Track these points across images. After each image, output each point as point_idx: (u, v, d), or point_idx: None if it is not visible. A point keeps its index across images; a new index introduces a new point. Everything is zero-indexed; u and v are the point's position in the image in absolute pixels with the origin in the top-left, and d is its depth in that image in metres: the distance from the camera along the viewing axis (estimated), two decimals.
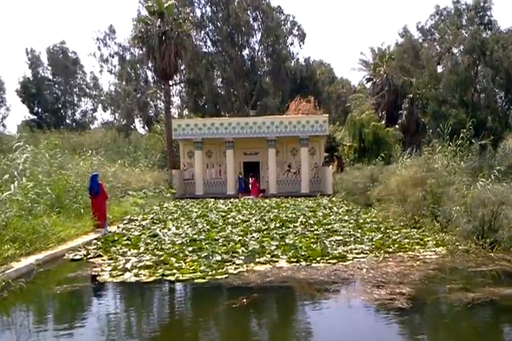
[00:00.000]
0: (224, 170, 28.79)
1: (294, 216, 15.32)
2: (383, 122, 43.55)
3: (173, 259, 8.91)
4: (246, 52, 43.02)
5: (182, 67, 39.12)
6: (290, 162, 29.81)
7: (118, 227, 13.63)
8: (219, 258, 9.00)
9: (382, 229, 12.24)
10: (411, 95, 39.95)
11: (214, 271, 7.98)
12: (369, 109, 31.62)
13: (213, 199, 23.28)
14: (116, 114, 51.41)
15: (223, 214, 16.24)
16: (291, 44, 48.45)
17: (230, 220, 14.52)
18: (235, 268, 8.25)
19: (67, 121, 58.87)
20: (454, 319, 5.76)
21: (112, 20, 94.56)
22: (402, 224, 12.89)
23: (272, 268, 8.24)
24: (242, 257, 9.07)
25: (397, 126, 45.06)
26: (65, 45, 56.64)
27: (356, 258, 8.99)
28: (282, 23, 47.22)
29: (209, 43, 41.80)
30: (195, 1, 41.28)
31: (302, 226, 13.21)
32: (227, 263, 8.62)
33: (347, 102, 43.58)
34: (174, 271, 8.11)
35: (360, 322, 5.73)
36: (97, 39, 41.60)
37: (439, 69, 35.19)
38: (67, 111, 59.17)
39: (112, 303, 6.84)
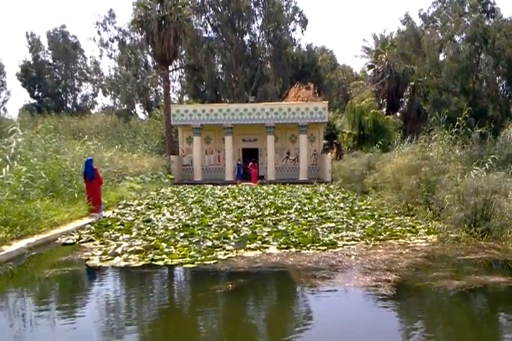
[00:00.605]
0: (223, 156, 28.79)
1: (289, 203, 15.35)
2: (384, 110, 43.45)
3: (164, 244, 8.94)
4: (247, 37, 42.75)
5: (182, 53, 38.85)
6: (289, 149, 29.78)
7: (113, 212, 13.66)
8: (210, 243, 9.03)
9: (375, 217, 12.25)
10: (412, 83, 39.72)
11: (203, 257, 8.01)
12: (369, 97, 31.48)
13: (211, 186, 23.32)
14: (117, 99, 51.33)
15: (219, 200, 16.28)
16: (293, 30, 48.06)
17: (225, 206, 14.55)
18: (225, 254, 8.28)
19: (68, 105, 58.86)
20: (434, 306, 5.78)
21: (112, 5, 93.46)
22: (396, 211, 12.89)
23: (261, 254, 8.27)
24: (233, 243, 9.10)
25: (398, 114, 44.94)
26: (66, 28, 56.44)
27: (346, 245, 9.02)
28: (284, 8, 46.76)
29: (209, 28, 41.50)
30: None
31: (296, 213, 13.23)
32: (218, 249, 8.64)
33: (348, 89, 43.34)
34: (164, 256, 8.13)
35: (343, 308, 5.76)
36: (97, 23, 41.30)
37: (441, 57, 34.98)
38: (68, 96, 59.12)
39: (99, 287, 6.88)
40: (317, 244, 9.00)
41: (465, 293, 5.96)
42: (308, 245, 8.94)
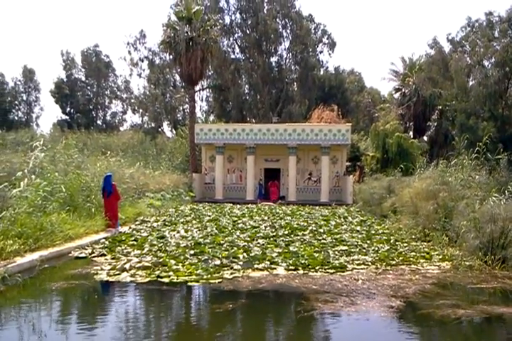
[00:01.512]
0: (245, 175, 28.86)
1: (305, 224, 15.24)
2: (411, 133, 43.06)
3: (173, 261, 9.00)
4: (274, 59, 43.20)
5: (209, 73, 39.52)
6: (311, 170, 29.67)
7: (130, 228, 13.81)
8: (218, 262, 9.04)
9: (391, 241, 12.04)
10: (440, 107, 39.39)
11: (209, 275, 8.03)
12: (394, 120, 31.26)
13: (231, 204, 23.38)
14: (145, 117, 52.34)
15: (235, 219, 16.29)
16: (321, 52, 48.46)
17: (240, 225, 14.55)
18: (231, 273, 8.28)
19: (98, 122, 60.25)
20: (430, 335, 5.62)
21: (143, 25, 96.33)
22: (413, 237, 12.67)
23: (267, 275, 8.23)
24: (241, 263, 9.09)
25: (425, 138, 44.48)
26: (99, 48, 58.13)
27: (356, 269, 8.90)
28: (313, 31, 47.29)
29: (237, 50, 42.12)
30: (225, 8, 41.76)
31: (311, 234, 13.13)
32: (225, 268, 8.65)
33: (373, 112, 43.22)
34: (170, 273, 8.19)
35: (336, 333, 5.66)
36: (128, 43, 42.45)
37: (470, 82, 34.67)
38: (98, 113, 60.56)
39: (100, 301, 6.97)
40: (326, 267, 8.91)
41: (468, 322, 5.79)
42: (317, 267, 8.86)
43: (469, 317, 5.94)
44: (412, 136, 41.34)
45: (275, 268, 8.79)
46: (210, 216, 17.07)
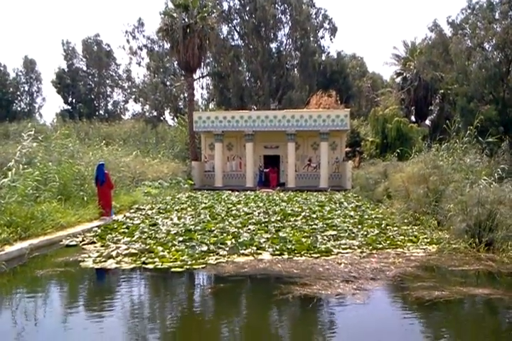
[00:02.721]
0: (244, 162, 28.91)
1: (299, 210, 15.30)
2: (412, 118, 42.83)
3: (160, 248, 9.10)
4: (273, 45, 42.95)
5: (208, 60, 39.36)
6: (311, 156, 29.67)
7: (124, 216, 13.93)
8: (205, 248, 9.13)
9: (382, 226, 12.07)
10: (442, 91, 39.05)
11: (194, 261, 8.12)
12: (393, 104, 31.07)
13: (230, 192, 23.47)
14: (146, 106, 52.30)
15: (230, 206, 16.38)
16: (322, 38, 48.09)
17: (234, 212, 14.63)
18: (216, 259, 8.37)
19: (100, 111, 60.28)
20: (399, 316, 5.69)
21: (142, 13, 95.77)
22: (405, 221, 12.70)
23: (252, 260, 8.31)
24: (228, 248, 9.18)
25: (427, 122, 44.23)
26: (99, 37, 57.90)
27: (341, 253, 8.96)
28: (314, 16, 46.87)
29: (236, 36, 41.89)
30: None
31: (304, 220, 13.19)
32: (211, 254, 8.74)
33: (372, 97, 42.96)
34: (156, 259, 8.30)
35: (305, 314, 5.75)
36: (126, 32, 42.27)
37: (471, 65, 34.27)
38: (100, 102, 60.56)
39: (78, 287, 7.14)
40: (311, 252, 8.98)
41: (440, 303, 5.84)
42: (303, 252, 8.94)
43: (442, 298, 5.99)
44: (414, 121, 41.18)
45: (261, 254, 8.87)
46: (205, 203, 17.18)
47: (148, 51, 43.46)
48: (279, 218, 13.35)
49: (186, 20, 29.64)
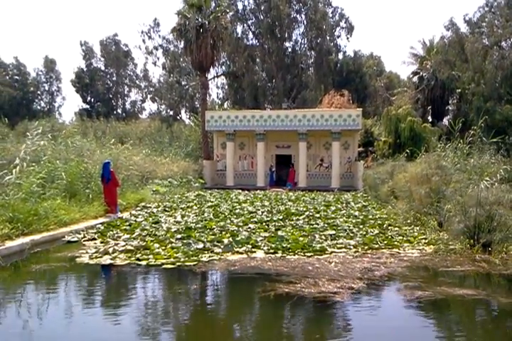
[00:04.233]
0: (256, 162, 28.99)
1: (304, 209, 15.32)
2: (429, 118, 42.36)
3: (157, 245, 9.26)
4: (288, 44, 42.92)
5: (223, 60, 39.56)
6: (323, 156, 29.61)
7: (130, 213, 14.15)
8: (201, 246, 9.26)
9: (383, 226, 12.06)
10: (459, 90, 38.55)
11: (187, 258, 8.25)
12: (407, 104, 30.79)
13: (240, 191, 23.58)
14: (163, 105, 52.81)
15: (235, 204, 16.49)
16: (338, 37, 47.93)
17: (238, 211, 14.73)
18: (209, 257, 8.48)
19: (118, 110, 61.05)
20: (374, 315, 5.72)
21: (158, 13, 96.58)
22: (408, 221, 12.64)
23: (244, 258, 8.40)
24: (223, 246, 9.28)
25: (444, 122, 43.68)
26: (117, 37, 58.60)
27: (335, 252, 9.00)
28: (330, 15, 46.74)
29: (251, 36, 41.96)
30: None
31: (306, 219, 13.22)
32: (206, 252, 8.86)
33: (385, 96, 42.62)
34: (150, 256, 8.45)
35: (282, 311, 5.83)
36: (142, 32, 42.76)
37: (487, 64, 33.75)
38: (118, 102, 61.33)
39: (69, 282, 7.35)
40: (306, 251, 9.03)
41: (420, 303, 5.86)
42: (297, 251, 9.00)
43: (425, 298, 6.01)
44: (430, 121, 40.73)
45: (255, 252, 8.96)
46: (212, 202, 17.32)
47: (163, 51, 43.90)
48: (281, 217, 13.40)
49: (199, 20, 29.82)
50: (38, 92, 62.32)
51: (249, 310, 6.12)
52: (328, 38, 46.30)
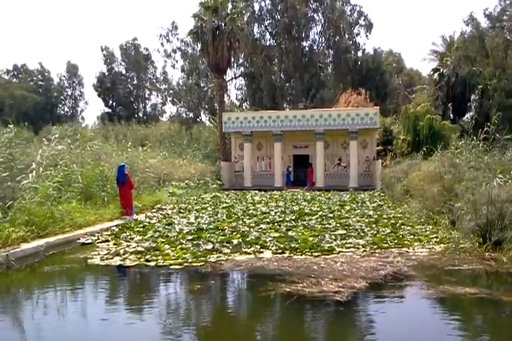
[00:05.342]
0: (274, 162, 29.06)
1: (318, 209, 15.32)
2: (450, 115, 41.70)
3: (167, 246, 9.42)
4: (305, 44, 42.88)
5: (240, 61, 39.76)
6: (341, 155, 29.51)
7: (146, 215, 14.38)
8: (210, 247, 9.37)
9: (396, 225, 11.98)
10: (481, 86, 37.91)
11: (195, 259, 8.37)
12: (425, 101, 30.41)
13: (256, 192, 23.69)
14: (183, 108, 53.30)
15: (250, 205, 16.59)
16: (357, 35, 47.64)
17: (251, 211, 14.82)
18: (217, 257, 8.59)
19: (139, 114, 61.89)
20: (372, 314, 5.73)
21: (177, 16, 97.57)
22: (421, 220, 12.55)
23: (251, 259, 8.48)
24: (231, 247, 9.38)
25: (465, 119, 42.94)
26: (137, 41, 59.46)
27: (343, 252, 9.00)
28: (348, 13, 46.51)
29: (268, 36, 42.08)
30: None
31: (319, 219, 13.21)
32: (214, 252, 8.97)
33: (403, 94, 42.15)
34: (159, 257, 8.61)
35: (279, 310, 5.90)
36: (160, 35, 43.28)
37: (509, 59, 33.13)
38: (139, 105, 62.17)
39: (77, 282, 7.57)
40: (313, 250, 9.06)
41: (418, 301, 5.85)
42: (305, 251, 9.03)
43: (425, 296, 5.99)
44: (451, 118, 40.10)
45: (262, 252, 9.03)
46: (227, 203, 17.46)
47: (182, 53, 44.36)
48: (294, 217, 13.44)
49: (215, 22, 30.07)
50: (62, 97, 63.73)
51: (246, 309, 6.20)
52: (346, 36, 46.09)
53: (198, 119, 52.58)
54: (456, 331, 5.12)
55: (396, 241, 9.95)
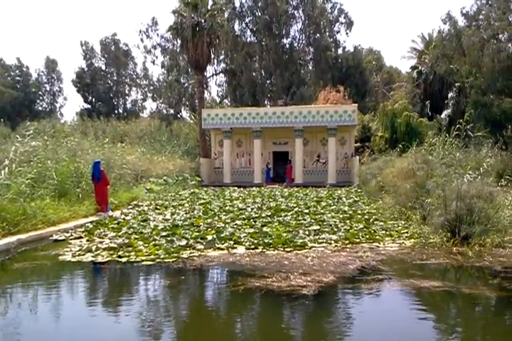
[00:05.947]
0: (253, 159, 29.14)
1: (294, 205, 15.45)
2: (428, 112, 42.23)
3: (140, 243, 9.41)
4: (286, 41, 42.94)
5: (221, 58, 39.67)
6: (320, 152, 29.73)
7: (121, 212, 14.32)
8: (183, 243, 9.40)
9: (369, 221, 12.16)
10: (458, 84, 38.43)
11: (167, 255, 8.40)
12: (403, 99, 30.79)
13: (236, 188, 23.74)
14: (163, 104, 52.97)
15: (227, 202, 16.63)
16: (338, 32, 47.84)
17: (227, 208, 14.88)
18: (190, 253, 8.62)
19: (119, 110, 61.32)
20: (337, 307, 5.86)
21: (157, 12, 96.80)
22: (395, 216, 12.75)
23: (224, 254, 8.54)
24: (205, 243, 9.42)
25: (443, 116, 43.53)
26: (117, 37, 58.83)
27: (315, 247, 9.11)
28: (329, 10, 46.66)
29: (248, 33, 42.04)
30: None
31: (294, 215, 13.32)
32: (187, 248, 9.00)
33: (382, 92, 42.59)
34: (132, 253, 8.61)
35: (245, 305, 5.99)
36: (140, 31, 42.94)
37: (484, 57, 33.62)
38: (119, 101, 61.59)
39: (47, 278, 7.53)
40: (286, 246, 9.16)
41: (384, 294, 5.99)
42: (278, 246, 9.12)
43: (391, 290, 6.14)
44: (429, 115, 40.60)
45: (236, 248, 9.10)
46: (204, 199, 17.48)
47: (162, 49, 44.05)
48: (270, 213, 13.53)
49: (195, 18, 29.95)
50: (40, 93, 62.78)
51: (214, 303, 6.26)
52: (326, 33, 46.27)
53: (179, 116, 52.32)
54: (420, 321, 5.27)
55: (368, 236, 10.11)
